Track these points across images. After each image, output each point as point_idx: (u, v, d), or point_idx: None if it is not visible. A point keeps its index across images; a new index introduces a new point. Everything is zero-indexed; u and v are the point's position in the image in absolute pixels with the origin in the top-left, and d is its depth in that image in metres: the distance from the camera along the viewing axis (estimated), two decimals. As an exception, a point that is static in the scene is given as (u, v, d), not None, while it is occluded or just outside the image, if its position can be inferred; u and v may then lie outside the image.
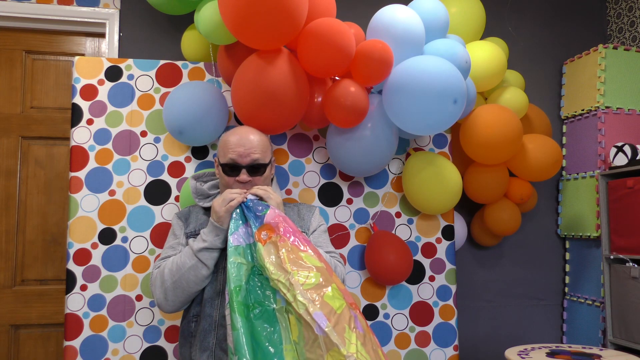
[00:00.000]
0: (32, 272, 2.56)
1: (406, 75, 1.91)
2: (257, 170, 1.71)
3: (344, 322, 1.38)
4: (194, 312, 1.68)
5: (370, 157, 2.08)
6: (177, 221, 1.80)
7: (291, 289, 1.41)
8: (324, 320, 1.35)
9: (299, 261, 1.48)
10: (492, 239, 2.75)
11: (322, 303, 1.39)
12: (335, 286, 1.46)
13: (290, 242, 1.52)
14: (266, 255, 1.49)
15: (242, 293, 1.46)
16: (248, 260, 1.53)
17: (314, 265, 1.48)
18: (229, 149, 1.69)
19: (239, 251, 1.53)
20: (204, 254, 1.61)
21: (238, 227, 1.58)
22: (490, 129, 2.27)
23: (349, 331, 1.37)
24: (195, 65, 2.26)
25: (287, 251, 1.49)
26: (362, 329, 1.43)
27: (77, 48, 2.68)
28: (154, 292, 1.67)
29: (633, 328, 2.38)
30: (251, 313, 1.44)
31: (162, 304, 1.66)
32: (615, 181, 2.51)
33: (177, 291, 1.62)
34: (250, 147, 1.69)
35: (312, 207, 1.89)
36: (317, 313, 1.36)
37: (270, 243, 1.52)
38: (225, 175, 1.71)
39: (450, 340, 2.28)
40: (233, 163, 1.69)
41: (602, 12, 3.12)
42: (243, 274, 1.50)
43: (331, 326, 1.35)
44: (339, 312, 1.40)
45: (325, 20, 1.86)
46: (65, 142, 2.61)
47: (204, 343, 1.61)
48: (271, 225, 1.55)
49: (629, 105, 2.74)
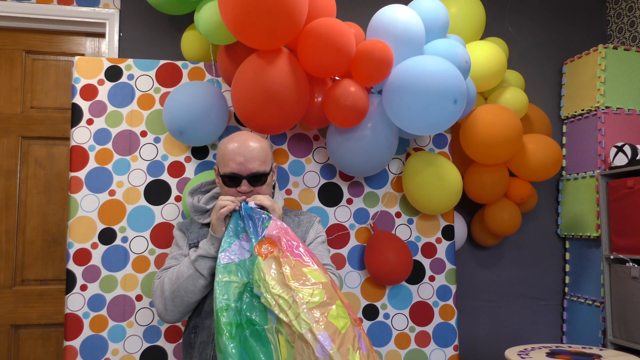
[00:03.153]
0: (32, 272, 2.56)
1: (406, 75, 1.91)
2: (258, 180, 1.67)
3: (348, 343, 1.35)
4: (194, 324, 1.67)
5: (370, 157, 2.08)
6: (178, 232, 1.78)
7: (294, 307, 1.37)
8: (329, 342, 1.31)
9: (302, 278, 1.44)
10: (492, 239, 2.75)
11: (326, 323, 1.35)
12: (339, 303, 1.43)
13: (293, 258, 1.48)
14: (267, 270, 1.44)
15: (231, 312, 1.42)
16: (240, 277, 1.48)
17: (319, 282, 1.44)
18: (229, 159, 1.64)
19: (229, 269, 1.49)
20: (199, 262, 1.60)
21: (231, 244, 1.54)
22: (490, 129, 2.27)
23: (353, 352, 1.33)
24: (195, 65, 2.26)
25: (290, 268, 1.45)
26: (366, 349, 1.39)
27: (77, 48, 2.68)
28: (155, 302, 1.66)
29: (633, 328, 2.38)
30: (246, 331, 1.41)
31: (162, 313, 1.65)
32: (615, 181, 2.51)
33: (176, 301, 1.61)
34: (250, 157, 1.64)
35: (312, 217, 1.84)
36: (322, 334, 1.32)
37: (272, 258, 1.47)
38: (225, 186, 1.67)
39: (450, 340, 2.28)
40: (233, 174, 1.64)
41: (602, 12, 3.12)
42: (232, 292, 1.45)
43: (335, 348, 1.31)
44: (344, 332, 1.36)
45: (325, 20, 1.86)
46: (65, 142, 2.62)
47: (203, 355, 1.60)
48: (273, 239, 1.51)
49: (629, 105, 2.74)
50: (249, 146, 1.65)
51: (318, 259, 1.55)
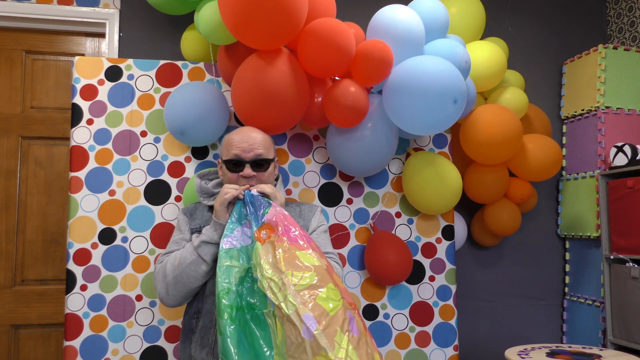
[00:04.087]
0: (32, 272, 2.56)
1: (406, 75, 1.91)
2: (260, 165, 1.72)
3: (336, 325, 1.35)
4: (195, 309, 1.69)
5: (370, 157, 2.08)
6: (182, 216, 1.81)
7: (283, 289, 1.39)
8: (314, 323, 1.32)
9: (295, 261, 1.46)
10: (492, 239, 2.75)
11: (314, 305, 1.36)
12: (332, 286, 1.44)
13: (287, 241, 1.50)
14: (263, 255, 1.48)
15: (232, 296, 1.45)
16: (241, 263, 1.51)
17: (312, 265, 1.46)
18: (233, 146, 1.71)
19: (230, 254, 1.52)
20: (202, 248, 1.62)
21: (233, 230, 1.57)
22: (490, 129, 2.27)
23: (341, 334, 1.34)
24: (195, 65, 2.26)
25: (283, 251, 1.48)
26: (358, 332, 1.39)
27: (77, 48, 2.68)
28: (156, 286, 1.69)
29: (633, 328, 2.38)
30: (246, 315, 1.43)
31: (164, 297, 1.68)
32: (615, 181, 2.51)
33: (178, 286, 1.64)
34: (254, 142, 1.71)
35: (313, 206, 1.89)
36: (307, 315, 1.33)
37: (269, 242, 1.51)
38: (229, 172, 1.71)
39: (450, 340, 2.28)
40: (237, 159, 1.70)
41: (602, 12, 3.12)
42: (233, 276, 1.48)
43: (320, 329, 1.31)
44: (332, 314, 1.37)
45: (325, 20, 1.86)
46: (65, 142, 2.61)
47: (204, 339, 1.62)
48: (271, 224, 1.54)
49: (629, 105, 2.74)
50: (253, 135, 1.74)
51: (317, 246, 1.57)
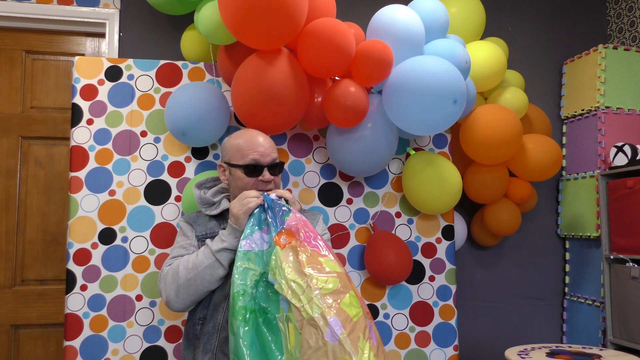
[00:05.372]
0: (32, 272, 2.56)
1: (406, 75, 1.91)
2: (277, 169, 1.74)
3: (359, 331, 1.36)
4: (201, 315, 1.68)
5: (370, 157, 2.08)
6: (185, 224, 1.79)
7: (307, 291, 1.39)
8: (339, 327, 1.32)
9: (318, 266, 1.46)
10: (492, 239, 2.75)
11: (338, 309, 1.37)
12: (353, 293, 1.45)
13: (310, 248, 1.50)
14: (284, 258, 1.47)
15: (247, 298, 1.45)
16: (257, 266, 1.51)
17: (335, 271, 1.47)
18: (249, 149, 1.69)
19: (248, 256, 1.52)
20: (222, 254, 1.62)
21: (253, 233, 1.57)
22: (490, 129, 2.27)
23: (363, 340, 1.34)
24: (195, 65, 2.26)
25: (307, 256, 1.48)
26: (376, 340, 1.41)
27: (77, 48, 2.68)
28: (163, 289, 1.66)
29: (633, 328, 2.38)
30: (259, 319, 1.43)
31: (171, 300, 1.64)
32: (615, 181, 2.51)
33: (190, 289, 1.62)
34: (269, 146, 1.72)
35: (316, 214, 1.88)
36: (333, 319, 1.34)
37: (290, 247, 1.50)
38: (246, 177, 1.70)
39: (450, 340, 2.28)
40: (256, 163, 1.69)
41: (602, 12, 3.12)
42: (249, 278, 1.49)
43: (346, 334, 1.32)
44: (355, 319, 1.38)
45: (325, 20, 1.86)
46: (65, 142, 2.61)
47: (207, 345, 1.61)
48: (291, 230, 1.54)
49: (629, 105, 2.74)
50: (265, 138, 1.75)
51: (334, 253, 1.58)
